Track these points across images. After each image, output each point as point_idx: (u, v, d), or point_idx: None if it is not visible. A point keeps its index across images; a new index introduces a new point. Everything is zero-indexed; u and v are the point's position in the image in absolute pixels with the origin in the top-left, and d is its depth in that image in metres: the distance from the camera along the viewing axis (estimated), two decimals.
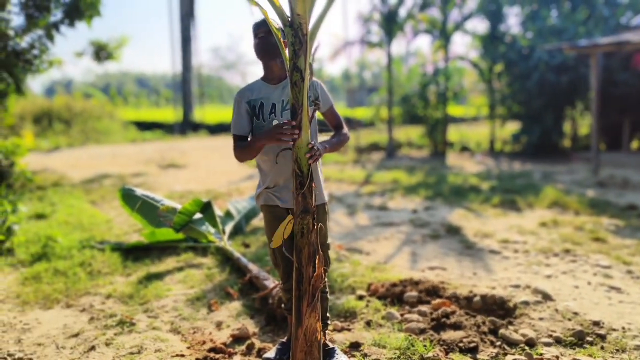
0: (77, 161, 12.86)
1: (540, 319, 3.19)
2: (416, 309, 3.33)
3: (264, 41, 2.40)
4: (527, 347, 2.81)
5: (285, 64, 2.24)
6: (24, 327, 3.19)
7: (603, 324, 3.09)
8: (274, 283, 3.49)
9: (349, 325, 3.17)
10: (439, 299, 3.43)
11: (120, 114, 25.16)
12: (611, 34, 12.33)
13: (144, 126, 24.36)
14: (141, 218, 4.93)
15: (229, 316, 3.36)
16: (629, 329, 3.03)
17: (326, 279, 2.63)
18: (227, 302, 3.59)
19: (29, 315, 3.38)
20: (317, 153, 2.25)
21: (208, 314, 3.40)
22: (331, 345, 2.68)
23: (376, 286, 3.71)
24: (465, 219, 6.15)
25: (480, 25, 22.03)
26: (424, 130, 15.87)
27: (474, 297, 3.43)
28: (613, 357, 2.71)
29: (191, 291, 3.77)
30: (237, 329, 3.06)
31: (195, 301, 3.59)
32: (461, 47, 32.09)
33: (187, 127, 24.75)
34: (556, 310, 3.32)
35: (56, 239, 4.86)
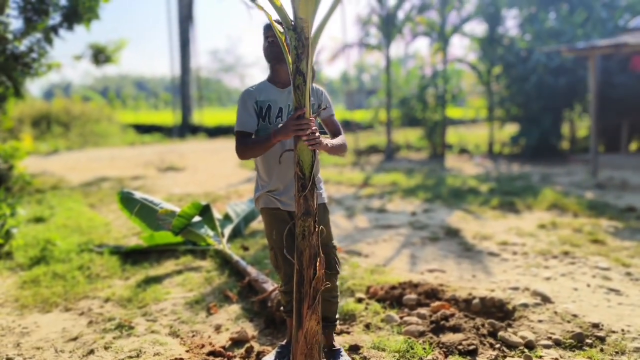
0: (76, 164, 12.86)
1: (540, 321, 3.19)
2: (415, 311, 3.33)
3: (274, 44, 2.40)
4: (526, 350, 2.81)
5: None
6: (22, 330, 3.19)
7: (602, 326, 3.09)
8: (273, 286, 3.49)
9: (348, 328, 3.17)
10: (438, 302, 3.43)
11: (118, 117, 25.21)
12: (609, 36, 12.35)
13: (143, 129, 24.39)
14: (140, 221, 4.93)
15: (228, 319, 3.35)
16: (628, 331, 3.03)
17: (337, 282, 2.64)
18: (226, 305, 3.58)
19: (27, 319, 3.38)
20: (318, 140, 2.21)
21: (207, 317, 3.39)
22: (337, 346, 2.68)
23: (375, 289, 3.71)
24: (464, 221, 6.15)
25: (478, 27, 22.12)
26: (422, 133, 15.88)
27: (473, 300, 3.44)
28: (612, 359, 2.71)
29: (190, 294, 3.77)
30: (236, 332, 3.06)
31: (194, 304, 3.58)
32: (460, 50, 32.11)
33: (185, 130, 24.78)
34: (555, 312, 3.32)
35: (55, 243, 4.86)
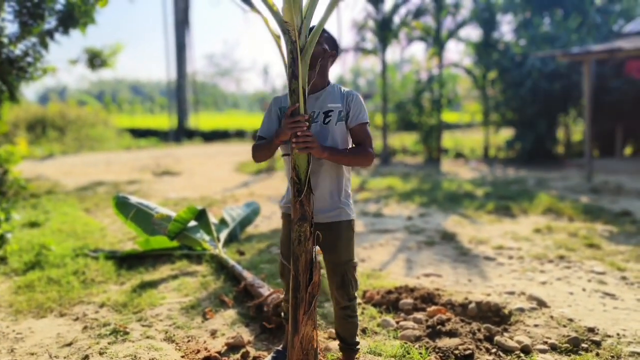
0: (71, 169, 12.81)
1: (536, 325, 3.20)
2: (411, 316, 3.33)
3: None
4: (522, 354, 2.81)
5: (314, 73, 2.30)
6: (17, 336, 3.17)
7: (598, 330, 3.10)
8: (269, 291, 3.48)
9: None
10: (435, 306, 3.43)
11: (114, 121, 25.16)
12: (603, 41, 12.44)
13: (139, 133, 24.36)
14: (135, 226, 4.91)
15: (224, 324, 3.34)
16: (623, 335, 3.04)
17: (355, 301, 2.50)
18: (222, 310, 3.57)
19: (22, 324, 3.35)
20: (308, 145, 2.17)
21: (203, 322, 3.38)
22: None
23: (371, 293, 3.71)
24: (460, 225, 6.16)
25: (473, 32, 22.24)
26: (418, 137, 15.92)
27: (469, 304, 3.44)
28: None
29: (186, 299, 3.75)
30: (232, 337, 3.04)
31: (190, 309, 3.57)
32: (455, 54, 32.32)
33: (181, 134, 24.77)
34: (551, 316, 3.32)
35: (50, 247, 4.83)
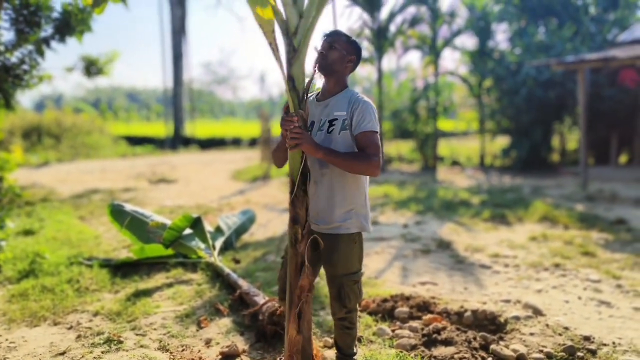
0: (67, 176, 12.77)
1: (531, 334, 3.19)
2: (407, 324, 3.32)
3: (321, 57, 2.40)
4: None
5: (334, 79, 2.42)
6: (9, 345, 3.14)
7: (594, 338, 3.10)
8: (265, 299, 3.46)
9: None
10: (430, 315, 3.42)
11: (110, 129, 25.10)
12: (598, 50, 12.54)
13: (135, 141, 24.30)
14: (130, 234, 4.89)
15: (219, 333, 3.32)
16: (619, 343, 3.04)
17: (353, 314, 2.53)
18: (217, 318, 3.55)
19: (15, 333, 3.33)
20: (298, 141, 2.19)
21: (197, 331, 3.36)
22: None
23: (367, 302, 3.70)
24: (455, 233, 6.16)
25: (469, 41, 22.32)
26: (414, 145, 15.96)
27: (465, 313, 3.43)
28: None
29: (180, 308, 3.73)
30: (227, 346, 3.02)
31: (185, 318, 3.55)
32: (451, 63, 32.48)
33: (177, 141, 24.74)
34: (547, 325, 3.32)
35: (44, 255, 4.80)
